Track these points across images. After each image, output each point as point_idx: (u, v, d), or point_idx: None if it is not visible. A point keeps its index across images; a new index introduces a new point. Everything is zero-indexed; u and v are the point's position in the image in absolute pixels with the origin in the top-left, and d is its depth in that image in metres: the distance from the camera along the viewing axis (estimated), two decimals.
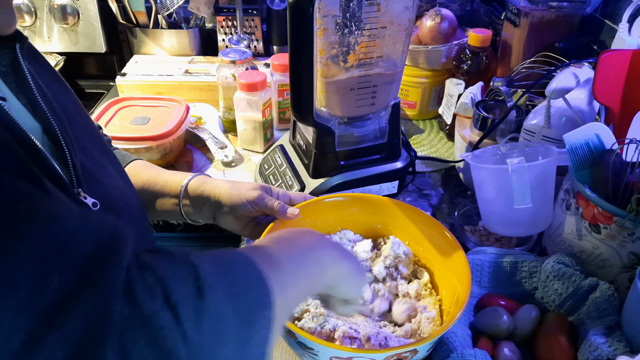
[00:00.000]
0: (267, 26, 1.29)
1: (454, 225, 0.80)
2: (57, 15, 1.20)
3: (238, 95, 0.95)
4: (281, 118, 1.08)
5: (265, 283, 0.33)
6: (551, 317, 0.60)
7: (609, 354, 0.52)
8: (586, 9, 0.96)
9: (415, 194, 0.91)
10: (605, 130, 0.64)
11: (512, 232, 0.74)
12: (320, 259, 0.45)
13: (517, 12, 0.99)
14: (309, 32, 0.60)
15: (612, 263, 0.61)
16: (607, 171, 0.60)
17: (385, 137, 0.79)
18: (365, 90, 0.73)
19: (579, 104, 0.76)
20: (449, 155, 1.02)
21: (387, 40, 0.70)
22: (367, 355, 0.50)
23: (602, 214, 0.59)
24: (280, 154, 0.85)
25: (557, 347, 0.57)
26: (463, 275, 0.58)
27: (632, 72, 0.70)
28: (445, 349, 0.56)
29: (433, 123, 1.15)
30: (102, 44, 1.26)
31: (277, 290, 0.34)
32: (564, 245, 0.67)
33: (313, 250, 0.45)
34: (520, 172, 0.64)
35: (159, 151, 0.92)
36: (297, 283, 0.40)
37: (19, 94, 0.42)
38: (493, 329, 0.60)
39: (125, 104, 0.99)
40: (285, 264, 0.39)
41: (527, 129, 0.78)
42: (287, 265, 0.39)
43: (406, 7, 0.67)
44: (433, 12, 1.06)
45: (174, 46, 1.25)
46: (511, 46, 1.03)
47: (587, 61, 0.79)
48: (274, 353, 0.60)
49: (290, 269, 0.39)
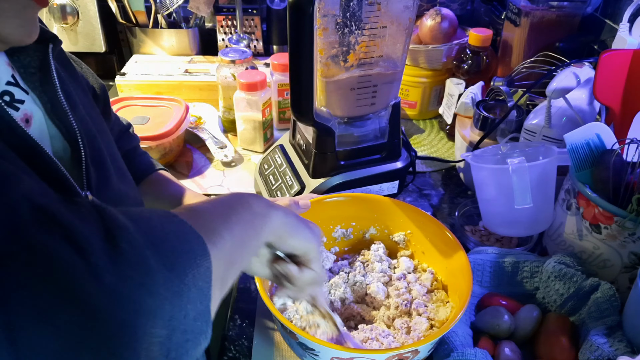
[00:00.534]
0: (267, 26, 1.29)
1: (454, 225, 0.80)
2: (57, 15, 1.19)
3: (238, 95, 0.94)
4: (281, 118, 1.08)
5: (193, 229, 0.30)
6: (552, 317, 0.60)
7: (609, 354, 0.52)
8: (587, 9, 0.95)
9: (415, 194, 0.91)
10: (606, 130, 0.64)
11: (513, 232, 0.74)
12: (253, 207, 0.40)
13: (518, 12, 0.98)
14: (309, 31, 0.60)
15: (613, 263, 0.61)
16: (608, 171, 0.60)
17: (385, 137, 0.78)
18: (366, 90, 0.73)
19: (580, 104, 0.76)
20: (449, 155, 1.02)
21: (387, 40, 0.70)
22: (368, 355, 0.50)
23: (603, 214, 0.59)
24: (280, 153, 0.85)
25: (558, 347, 0.57)
26: (464, 275, 0.58)
27: (633, 72, 0.70)
28: (445, 348, 0.56)
29: (433, 123, 1.15)
30: (102, 43, 1.26)
31: (208, 238, 0.31)
32: (565, 245, 0.67)
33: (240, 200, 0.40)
34: (520, 172, 0.64)
35: (159, 151, 0.92)
36: (231, 229, 0.35)
37: (42, 92, 0.43)
38: (494, 328, 0.60)
39: (124, 103, 0.99)
40: (211, 213, 0.35)
41: (527, 128, 0.78)
42: (214, 214, 0.35)
43: (406, 6, 0.67)
44: (433, 11, 1.06)
45: (174, 46, 1.25)
46: (512, 46, 1.03)
47: (587, 61, 0.78)
48: (274, 354, 0.60)
49: (218, 216, 0.35)
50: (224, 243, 0.33)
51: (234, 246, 0.35)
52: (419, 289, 0.64)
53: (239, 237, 0.36)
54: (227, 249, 0.33)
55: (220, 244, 0.32)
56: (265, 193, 0.83)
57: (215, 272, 0.30)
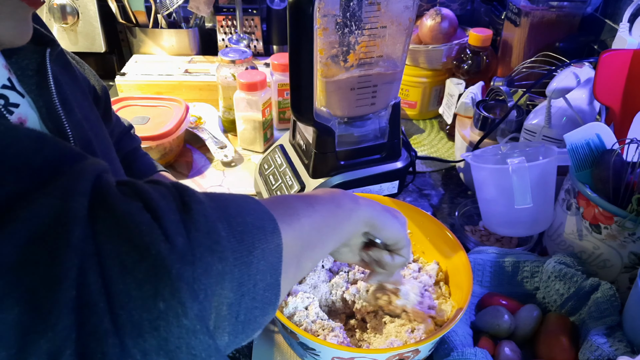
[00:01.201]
0: (267, 26, 1.29)
1: (454, 225, 0.80)
2: (57, 15, 1.19)
3: (238, 95, 0.94)
4: (281, 118, 1.08)
5: (265, 209, 0.32)
6: (552, 317, 0.60)
7: (609, 354, 0.52)
8: (587, 9, 0.95)
9: (415, 194, 0.91)
10: (606, 130, 0.64)
11: (513, 232, 0.74)
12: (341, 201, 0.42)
13: (518, 12, 0.98)
14: (309, 31, 0.60)
15: (613, 263, 0.61)
16: (608, 171, 0.60)
17: (385, 137, 0.78)
18: (366, 90, 0.73)
19: (580, 104, 0.76)
20: (449, 155, 1.02)
21: (387, 40, 0.70)
22: (369, 355, 0.50)
23: (603, 214, 0.59)
24: (280, 153, 0.85)
25: (558, 347, 0.57)
26: (464, 274, 0.58)
27: (633, 71, 0.70)
28: (446, 347, 0.56)
29: (433, 123, 1.15)
30: (102, 43, 1.26)
31: (283, 219, 0.32)
32: (565, 245, 0.67)
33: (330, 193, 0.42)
34: (520, 172, 0.64)
35: (159, 151, 0.92)
36: (311, 215, 0.37)
37: (38, 96, 0.42)
38: (494, 328, 0.60)
39: (124, 103, 0.99)
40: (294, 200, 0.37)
41: (527, 128, 0.78)
42: (297, 200, 0.37)
43: (406, 6, 0.67)
44: (433, 11, 1.06)
45: (174, 46, 1.25)
46: (512, 46, 1.03)
47: (587, 61, 0.78)
48: (274, 354, 0.60)
49: (300, 202, 0.37)
50: (301, 226, 0.35)
51: (312, 230, 0.37)
52: (427, 280, 0.63)
53: (319, 223, 0.38)
54: (305, 232, 0.36)
55: (296, 226, 0.34)
56: (265, 193, 0.83)
57: (288, 250, 0.32)
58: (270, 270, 0.30)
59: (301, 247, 0.35)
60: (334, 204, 0.41)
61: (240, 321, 0.28)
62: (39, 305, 0.20)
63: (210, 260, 0.26)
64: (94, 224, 0.23)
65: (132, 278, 0.23)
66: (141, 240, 0.24)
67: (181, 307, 0.24)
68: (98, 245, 0.23)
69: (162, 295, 0.23)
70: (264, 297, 0.30)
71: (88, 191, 0.24)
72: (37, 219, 0.22)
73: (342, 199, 0.43)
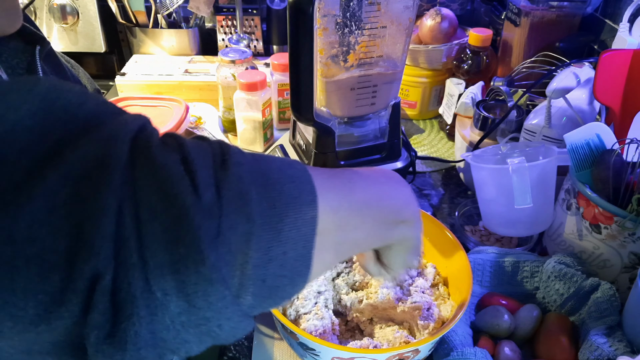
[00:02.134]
0: (267, 26, 1.29)
1: (454, 225, 0.80)
2: (57, 15, 1.19)
3: (238, 95, 0.94)
4: (281, 118, 1.08)
5: (309, 180, 0.31)
6: (552, 317, 0.60)
7: (609, 354, 0.52)
8: (587, 9, 0.95)
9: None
10: (606, 130, 0.64)
11: (513, 232, 0.74)
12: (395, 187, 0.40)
13: (518, 12, 0.98)
14: (309, 31, 0.60)
15: (613, 263, 0.61)
16: (608, 171, 0.60)
17: (385, 137, 0.78)
18: (366, 90, 0.73)
19: (580, 104, 0.76)
20: (449, 155, 1.02)
21: (387, 40, 0.70)
22: (369, 355, 0.50)
23: (603, 214, 0.59)
24: (280, 153, 0.85)
25: (557, 347, 0.57)
26: (464, 274, 0.58)
27: (633, 72, 0.70)
28: (445, 347, 0.56)
29: (433, 123, 1.15)
30: (102, 43, 1.26)
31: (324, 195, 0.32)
32: (565, 245, 0.67)
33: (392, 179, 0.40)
34: (520, 172, 0.64)
35: None
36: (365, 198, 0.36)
37: None
38: (494, 328, 0.60)
39: (124, 103, 0.99)
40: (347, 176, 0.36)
41: (527, 128, 0.78)
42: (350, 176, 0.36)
43: (406, 6, 0.67)
44: (433, 11, 1.06)
45: (174, 46, 1.25)
46: (512, 46, 1.03)
47: (587, 61, 0.78)
48: (274, 354, 0.60)
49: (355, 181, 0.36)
50: (339, 206, 0.34)
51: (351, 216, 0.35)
52: (423, 283, 0.63)
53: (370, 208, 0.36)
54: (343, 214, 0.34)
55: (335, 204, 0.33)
56: None
57: (324, 225, 0.31)
58: (302, 241, 0.30)
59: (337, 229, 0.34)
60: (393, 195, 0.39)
61: (267, 285, 0.29)
62: (84, 237, 0.23)
63: (236, 219, 0.27)
64: (132, 170, 0.25)
65: (158, 222, 0.25)
66: (171, 190, 0.25)
67: (199, 255, 0.25)
68: (134, 190, 0.25)
69: (183, 241, 0.25)
70: (293, 267, 0.30)
71: (129, 139, 0.26)
72: (83, 163, 0.24)
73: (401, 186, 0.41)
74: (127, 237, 0.24)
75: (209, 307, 0.26)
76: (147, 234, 0.24)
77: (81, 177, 0.23)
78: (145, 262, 0.24)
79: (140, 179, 0.25)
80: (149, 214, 0.25)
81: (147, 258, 0.24)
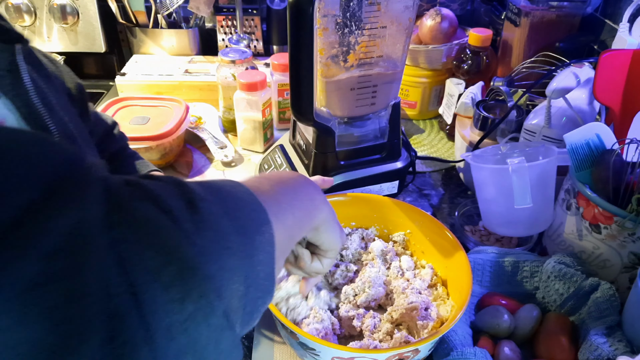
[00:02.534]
0: (267, 26, 1.29)
1: (454, 225, 0.80)
2: (57, 15, 1.19)
3: (238, 95, 0.95)
4: (281, 118, 1.08)
5: (257, 201, 0.33)
6: (552, 317, 0.60)
7: (609, 354, 0.52)
8: (587, 9, 0.95)
9: (415, 194, 0.91)
10: (606, 130, 0.64)
11: (513, 232, 0.74)
12: (312, 195, 0.43)
13: (518, 12, 0.98)
14: (309, 31, 0.60)
15: (613, 263, 0.61)
16: (608, 171, 0.60)
17: (385, 137, 0.78)
18: (365, 90, 0.73)
19: (580, 104, 0.76)
20: (449, 155, 1.02)
21: (387, 40, 0.70)
22: (369, 355, 0.50)
23: (603, 214, 0.59)
24: (280, 153, 0.85)
25: (557, 347, 0.57)
26: (464, 274, 0.58)
27: (633, 72, 0.70)
28: (445, 347, 0.56)
29: (433, 123, 1.15)
30: (102, 43, 1.26)
31: (272, 210, 0.33)
32: (565, 245, 0.67)
33: (304, 187, 0.43)
34: (520, 172, 0.64)
35: (159, 151, 0.92)
36: (294, 212, 0.38)
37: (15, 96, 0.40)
38: (494, 328, 0.60)
39: (124, 103, 0.99)
40: (278, 193, 0.38)
41: (527, 128, 0.78)
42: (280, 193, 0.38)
43: (406, 6, 0.67)
44: (433, 11, 1.06)
45: (174, 46, 1.25)
46: (511, 46, 1.03)
47: (587, 61, 0.78)
48: (274, 354, 0.60)
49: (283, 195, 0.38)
50: (285, 220, 0.36)
51: (294, 225, 0.38)
52: (420, 284, 0.63)
53: (299, 218, 0.39)
54: (289, 226, 0.37)
55: (282, 219, 0.35)
56: None
57: (278, 241, 0.33)
58: (268, 260, 0.31)
59: (286, 240, 0.37)
60: (309, 200, 0.43)
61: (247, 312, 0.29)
62: (65, 322, 0.19)
63: (225, 257, 0.27)
64: (112, 231, 0.22)
65: (158, 283, 0.22)
66: (165, 244, 0.24)
67: (209, 307, 0.24)
68: (120, 253, 0.22)
69: (190, 297, 0.23)
70: (264, 287, 0.31)
71: (101, 197, 0.23)
72: (54, 233, 0.20)
73: (315, 194, 0.44)
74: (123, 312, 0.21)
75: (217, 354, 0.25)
76: (148, 299, 0.22)
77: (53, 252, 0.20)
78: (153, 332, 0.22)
79: (123, 239, 0.22)
80: (145, 276, 0.22)
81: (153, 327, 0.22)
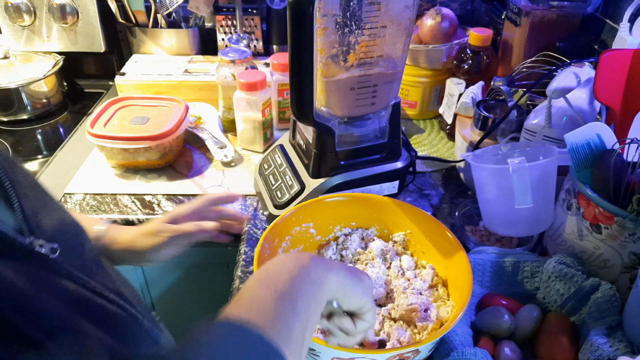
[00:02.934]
0: (266, 25, 1.29)
1: (454, 225, 0.80)
2: (56, 15, 1.19)
3: (238, 94, 0.94)
4: (281, 118, 1.08)
5: (267, 343, 0.33)
6: (552, 317, 0.60)
7: (610, 354, 0.52)
8: (587, 9, 0.95)
9: (415, 194, 0.91)
10: (607, 130, 0.64)
11: (513, 232, 0.74)
12: (312, 274, 0.42)
13: (518, 12, 0.98)
14: (309, 31, 0.60)
15: (613, 263, 0.61)
16: (608, 171, 0.60)
17: (385, 136, 0.78)
18: (366, 90, 0.73)
19: (580, 104, 0.76)
20: (449, 155, 1.02)
21: (388, 40, 0.69)
22: (369, 355, 0.50)
23: (603, 214, 0.59)
24: (280, 153, 0.85)
25: (558, 347, 0.57)
26: (464, 274, 0.58)
27: (633, 71, 0.70)
28: (446, 348, 0.56)
29: (433, 123, 1.15)
30: (102, 43, 1.26)
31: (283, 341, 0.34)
32: (565, 245, 0.67)
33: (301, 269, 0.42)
34: (521, 172, 0.64)
35: (158, 151, 0.92)
36: (299, 315, 0.38)
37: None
38: (494, 328, 0.59)
39: (124, 103, 0.99)
40: (277, 302, 0.38)
41: (528, 128, 0.78)
42: (280, 301, 0.38)
43: (406, 6, 0.67)
44: (433, 11, 1.06)
45: (174, 45, 1.25)
46: (512, 46, 1.03)
47: (588, 61, 0.78)
48: None
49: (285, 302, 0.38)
50: (295, 334, 0.36)
51: (302, 327, 0.38)
52: (420, 284, 0.63)
53: (306, 316, 0.39)
54: (299, 336, 0.37)
55: (293, 337, 0.36)
56: (265, 193, 0.83)
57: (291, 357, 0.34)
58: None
59: (299, 347, 0.37)
60: (310, 283, 0.42)
61: None
62: None
63: None
64: None
65: None
66: None
67: None
68: None
69: None
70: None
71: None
72: None
73: (313, 270, 0.43)
74: None
75: None
76: None
77: None
78: None
79: None
80: None
81: None
